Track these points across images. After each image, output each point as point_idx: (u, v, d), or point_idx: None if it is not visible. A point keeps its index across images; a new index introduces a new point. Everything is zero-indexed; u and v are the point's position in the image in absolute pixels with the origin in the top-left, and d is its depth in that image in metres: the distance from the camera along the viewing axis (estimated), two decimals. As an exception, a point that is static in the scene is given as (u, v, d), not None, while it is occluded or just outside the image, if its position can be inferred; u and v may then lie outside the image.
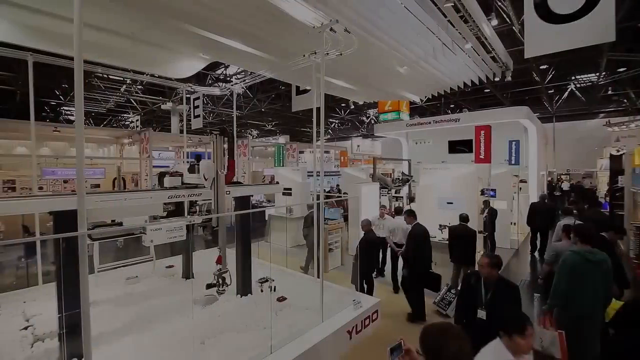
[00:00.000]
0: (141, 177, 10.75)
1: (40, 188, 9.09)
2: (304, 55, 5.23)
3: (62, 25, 5.27)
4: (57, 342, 3.32)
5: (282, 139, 24.06)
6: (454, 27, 7.72)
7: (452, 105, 21.97)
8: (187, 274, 5.70)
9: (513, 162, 10.14)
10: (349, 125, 26.73)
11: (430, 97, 10.46)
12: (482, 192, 6.66)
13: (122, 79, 14.05)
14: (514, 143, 10.11)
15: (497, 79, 11.29)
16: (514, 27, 10.05)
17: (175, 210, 6.25)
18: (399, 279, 6.02)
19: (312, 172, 14.53)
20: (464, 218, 5.88)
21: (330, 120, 24.63)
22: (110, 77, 14.00)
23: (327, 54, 4.86)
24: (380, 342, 4.51)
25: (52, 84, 14.12)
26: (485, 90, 18.55)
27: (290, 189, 9.23)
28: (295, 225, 9.22)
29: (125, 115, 21.17)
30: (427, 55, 7.55)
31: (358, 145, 16.48)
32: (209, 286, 4.46)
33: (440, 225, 6.58)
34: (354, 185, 8.59)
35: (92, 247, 5.07)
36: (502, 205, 9.13)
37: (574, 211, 6.36)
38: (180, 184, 4.62)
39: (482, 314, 3.05)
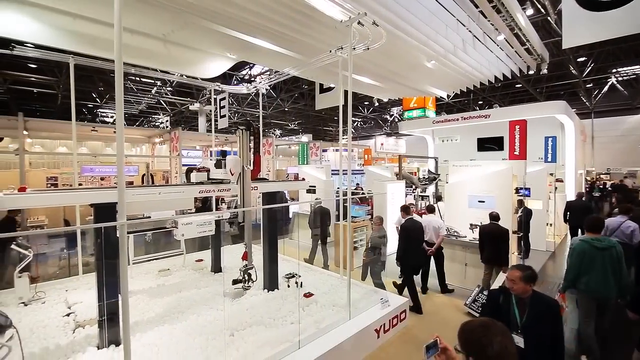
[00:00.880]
0: (171, 175, 11.15)
1: (80, 185, 9.65)
2: (330, 51, 5.18)
3: (100, 29, 5.54)
4: (97, 328, 3.48)
5: (304, 138, 24.17)
6: (485, 18, 7.42)
7: (480, 102, 21.18)
8: (216, 267, 5.83)
9: (549, 159, 9.58)
10: (372, 124, 26.45)
11: (459, 92, 10.10)
12: (517, 191, 6.33)
13: (153, 81, 14.67)
14: (550, 139, 9.55)
15: (531, 72, 10.74)
16: (549, 17, 9.51)
17: (202, 206, 6.43)
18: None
19: (336, 170, 14.55)
20: (494, 216, 5.61)
21: (353, 119, 24.44)
22: (142, 79, 14.67)
23: (354, 48, 4.80)
24: (409, 343, 4.41)
25: (90, 87, 14.98)
26: (517, 86, 17.71)
27: (314, 187, 9.22)
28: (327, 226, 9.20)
29: (155, 116, 22.08)
30: (456, 49, 7.29)
31: (382, 144, 16.22)
32: (235, 282, 4.53)
33: (470, 225, 6.32)
34: (380, 183, 8.46)
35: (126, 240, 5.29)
36: (537, 205, 8.67)
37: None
38: (207, 179, 4.69)
39: (518, 339, 2.47)
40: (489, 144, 13.42)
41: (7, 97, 15.07)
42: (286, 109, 20.08)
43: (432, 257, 6.07)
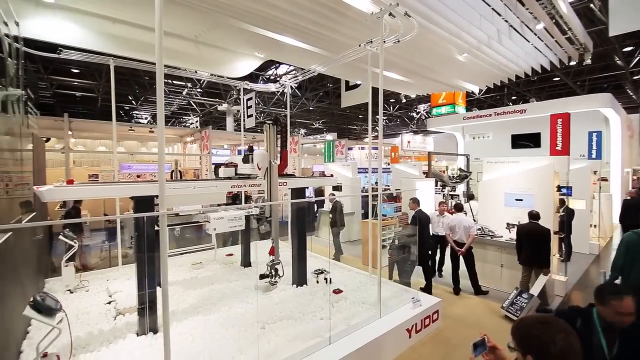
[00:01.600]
0: (202, 172, 11.51)
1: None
2: (359, 45, 5.10)
3: (138, 32, 5.81)
4: (137, 316, 3.64)
5: (329, 137, 24.15)
6: (523, 6, 7.02)
7: (514, 97, 20.16)
8: (246, 262, 5.93)
9: (594, 155, 8.93)
10: (397, 122, 25.95)
11: (492, 86, 9.64)
12: (559, 189, 5.93)
13: (183, 83, 15.22)
14: (594, 134, 8.90)
15: (572, 64, 10.07)
16: (592, 5, 8.85)
17: (232, 203, 6.56)
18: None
19: (363, 168, 14.39)
20: (534, 215, 5.28)
21: (378, 117, 24.11)
22: (174, 82, 15.25)
23: (384, 42, 4.69)
24: (442, 345, 4.26)
25: (126, 90, 15.79)
26: (555, 79, 16.66)
27: (340, 185, 9.17)
28: (346, 220, 9.14)
29: (186, 117, 22.91)
30: (490, 40, 6.97)
31: (409, 142, 15.86)
32: (262, 276, 4.57)
33: (507, 224, 6.00)
34: (409, 181, 8.26)
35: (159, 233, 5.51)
36: (579, 205, 8.12)
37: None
38: (235, 175, 4.75)
39: None
40: (524, 141, 12.75)
41: (53, 101, 16.22)
42: (311, 108, 20.14)
43: (461, 257, 5.84)
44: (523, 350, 1.37)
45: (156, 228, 3.66)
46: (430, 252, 6.30)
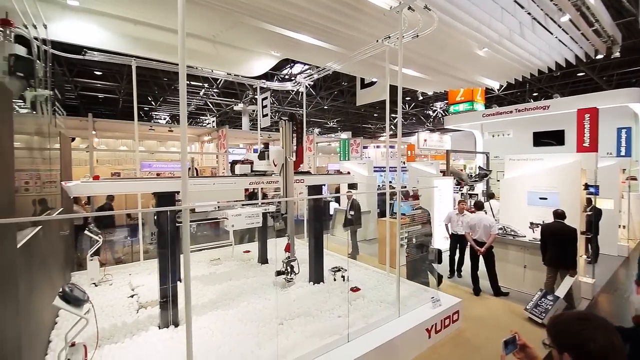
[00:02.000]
0: (219, 170, 11.69)
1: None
2: (377, 41, 5.04)
3: (159, 33, 5.94)
4: (159, 310, 3.72)
5: (344, 136, 24.07)
6: (548, -3, 6.76)
7: (535, 94, 19.50)
8: (263, 259, 5.97)
9: (623, 153, 8.51)
10: (413, 120, 25.58)
11: (513, 81, 9.34)
12: (586, 187, 5.68)
13: (200, 84, 15.49)
14: (624, 131, 8.48)
15: (598, 57, 9.62)
16: (621, -5, 8.43)
17: (249, 199, 6.62)
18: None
19: (379, 167, 14.23)
20: (559, 214, 5.07)
21: (393, 115, 23.83)
22: (192, 83, 15.53)
23: (403, 36, 4.62)
24: (463, 346, 4.15)
25: (146, 92, 16.22)
26: (579, 74, 16.01)
27: (356, 184, 9.10)
28: (362, 219, 9.08)
29: (202, 117, 23.33)
30: (512, 33, 6.74)
31: (425, 140, 15.59)
32: (278, 273, 4.57)
33: (531, 224, 5.79)
34: (426, 180, 8.12)
35: (180, 230, 5.62)
36: (607, 205, 7.77)
37: None
38: (250, 171, 4.78)
39: None
40: (546, 139, 12.29)
41: (77, 102, 16.84)
42: (325, 107, 20.11)
43: (481, 257, 5.69)
44: (559, 347, 1.30)
45: (177, 224, 3.74)
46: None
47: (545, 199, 5.85)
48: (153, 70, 13.18)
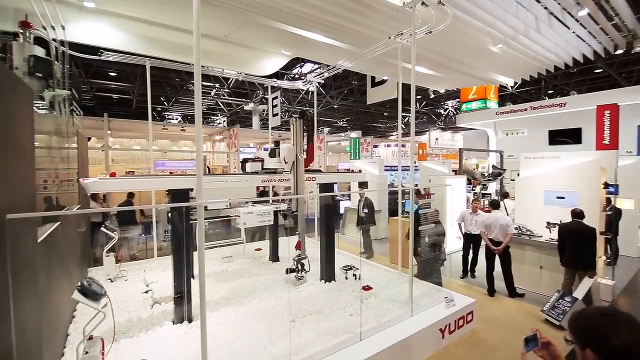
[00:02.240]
0: (230, 169, 11.79)
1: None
2: (389, 37, 4.99)
3: (172, 33, 6.03)
4: (173, 305, 3.77)
5: (353, 135, 24.00)
6: (566, -10, 6.58)
7: (550, 91, 19.02)
8: (274, 257, 5.99)
9: (644, 151, 8.23)
10: (424, 119, 25.28)
11: (528, 78, 9.12)
12: (606, 186, 5.51)
13: (212, 84, 15.66)
14: (645, 128, 8.19)
15: (618, 52, 9.33)
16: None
17: (260, 197, 6.65)
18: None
19: (390, 166, 14.09)
20: (578, 214, 4.93)
21: (404, 114, 23.61)
22: (203, 83, 15.71)
23: (416, 32, 4.55)
24: (477, 347, 4.07)
25: (159, 92, 16.48)
26: (597, 71, 15.53)
27: (366, 182, 9.05)
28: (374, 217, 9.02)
29: (213, 117, 23.58)
30: (528, 29, 6.60)
31: (436, 139, 15.39)
32: (288, 271, 4.58)
33: (548, 223, 5.64)
34: (439, 179, 8.01)
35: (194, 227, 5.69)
36: (627, 205, 7.52)
37: None
38: (261, 169, 4.79)
39: None
40: (563, 137, 11.99)
41: (92, 103, 17.23)
42: (335, 106, 20.05)
43: (497, 257, 5.57)
44: (581, 343, 1.26)
45: (190, 222, 3.79)
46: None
47: (563, 198, 5.70)
48: (165, 71, 13.40)
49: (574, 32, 7.63)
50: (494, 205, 5.77)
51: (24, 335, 2.06)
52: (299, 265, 4.59)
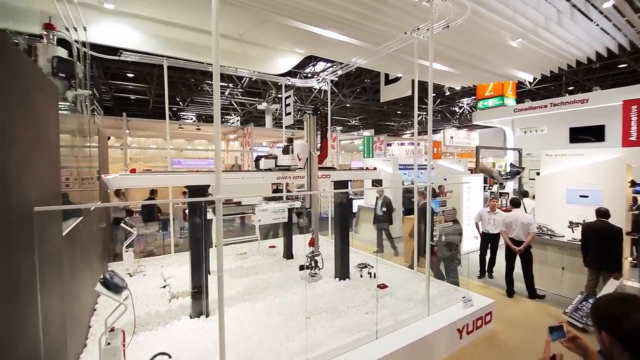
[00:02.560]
0: (244, 167, 11.91)
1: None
2: (405, 33, 4.92)
3: (189, 34, 6.14)
4: (190, 300, 3.82)
5: (366, 133, 23.86)
6: (589, -19, 6.34)
7: (571, 87, 18.40)
8: (288, 254, 6.01)
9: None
10: (438, 117, 24.89)
11: (548, 73, 8.83)
12: (633, 184, 5.27)
13: (226, 84, 15.85)
14: (675, 124, 7.81)
15: (645, 46, 8.92)
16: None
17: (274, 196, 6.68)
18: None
19: (404, 164, 13.89)
20: (602, 212, 4.73)
21: (418, 112, 23.27)
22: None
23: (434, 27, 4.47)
24: (497, 348, 3.97)
25: (174, 92, 16.81)
26: (620, 66, 14.93)
27: (380, 180, 8.97)
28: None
29: (227, 116, 23.87)
30: (548, 22, 6.39)
31: (451, 137, 15.10)
32: (302, 268, 4.55)
33: (570, 223, 5.45)
34: (455, 177, 7.86)
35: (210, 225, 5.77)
36: (655, 204, 7.18)
37: None
38: (275, 166, 4.79)
39: None
40: (584, 135, 11.56)
41: (111, 104, 17.73)
42: (348, 105, 19.98)
43: (517, 257, 5.42)
44: (598, 326, 1.28)
45: (206, 218, 3.83)
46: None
47: (586, 196, 5.50)
48: (181, 71, 13.64)
49: (597, 24, 7.34)
50: (515, 203, 5.61)
51: (50, 325, 2.13)
52: (312, 262, 4.55)
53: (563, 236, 5.54)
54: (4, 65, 1.61)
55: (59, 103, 3.99)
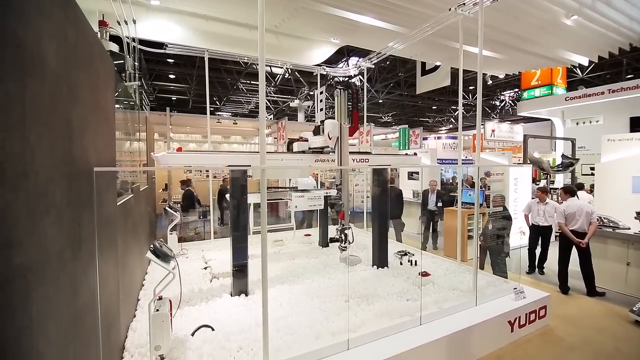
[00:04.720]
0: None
1: (207, 170, 11.37)
2: (449, 9, 4.68)
3: (228, 27, 6.34)
4: (230, 280, 3.89)
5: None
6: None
7: (630, 76, 16.67)
8: (324, 242, 5.97)
9: None
10: (474, 112, 23.72)
11: (607, 55, 8.00)
12: None
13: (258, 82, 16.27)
14: None
15: None
16: None
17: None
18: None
19: (442, 159, 13.33)
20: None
21: (453, 107, 22.33)
22: (252, 82, 16.35)
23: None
24: (553, 345, 3.63)
25: (211, 92, 17.52)
26: (693, 48, 13.25)
27: (417, 173, 8.68)
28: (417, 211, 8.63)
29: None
30: (609, -6, 5.79)
31: (493, 130, 14.26)
32: (332, 240, 4.41)
33: (638, 214, 4.88)
34: (501, 168, 7.37)
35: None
36: None
37: None
38: (308, 149, 4.74)
39: None
40: (647, 125, 10.40)
41: (155, 104, 18.85)
42: (380, 101, 19.64)
43: (574, 252, 4.96)
44: None
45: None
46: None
47: (657, 185, 4.90)
48: (218, 72, 14.20)
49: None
50: (570, 191, 5.12)
51: (105, 287, 2.23)
52: (342, 235, 4.39)
53: (629, 228, 4.98)
54: (71, 25, 1.70)
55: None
